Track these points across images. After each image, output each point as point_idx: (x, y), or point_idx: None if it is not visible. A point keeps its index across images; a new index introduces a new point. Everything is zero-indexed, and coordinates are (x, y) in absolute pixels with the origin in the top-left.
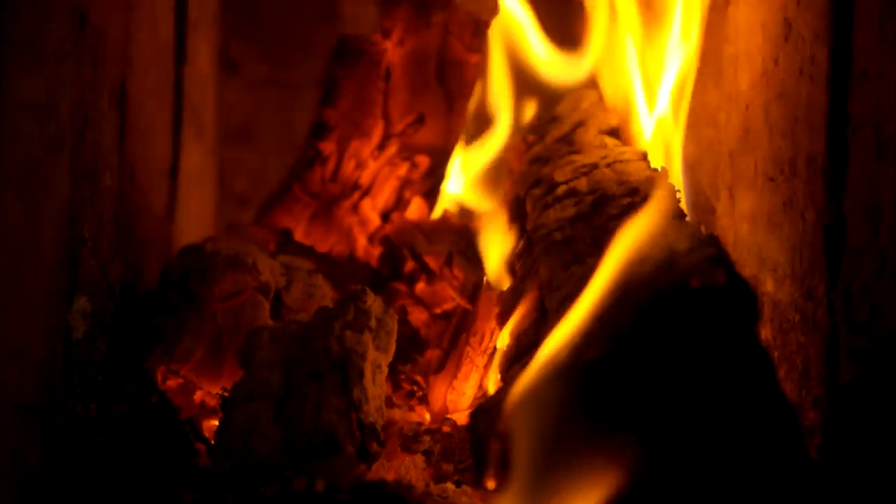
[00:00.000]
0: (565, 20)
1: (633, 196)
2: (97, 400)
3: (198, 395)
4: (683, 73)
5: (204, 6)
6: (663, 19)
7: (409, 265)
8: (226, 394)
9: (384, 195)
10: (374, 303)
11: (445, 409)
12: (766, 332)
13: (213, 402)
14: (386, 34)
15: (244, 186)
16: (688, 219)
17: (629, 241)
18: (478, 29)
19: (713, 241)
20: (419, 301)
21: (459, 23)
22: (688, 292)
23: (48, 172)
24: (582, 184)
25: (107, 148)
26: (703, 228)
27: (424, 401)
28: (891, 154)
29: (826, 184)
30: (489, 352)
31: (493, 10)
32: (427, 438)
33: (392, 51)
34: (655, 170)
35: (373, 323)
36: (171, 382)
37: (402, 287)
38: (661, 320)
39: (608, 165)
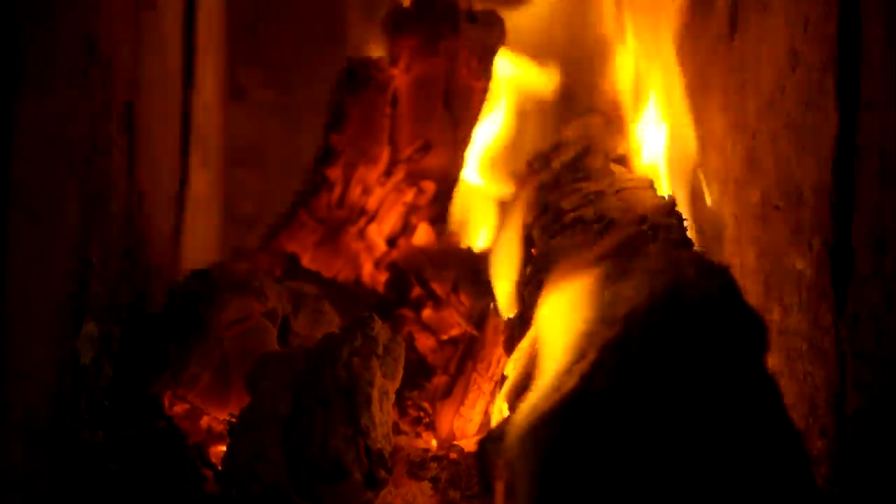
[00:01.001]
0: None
1: (639, 224)
2: (104, 426)
3: (205, 421)
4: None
5: (211, 32)
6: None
7: (416, 291)
8: (233, 420)
9: (390, 221)
10: (381, 329)
11: (452, 436)
12: (773, 361)
13: (220, 428)
14: (393, 61)
15: (251, 210)
16: (695, 247)
17: (641, 269)
18: (485, 56)
19: (722, 271)
20: (426, 327)
21: (467, 50)
22: (696, 321)
23: (58, 198)
24: (589, 212)
25: (115, 173)
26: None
27: (431, 427)
28: None
29: (833, 213)
30: (496, 378)
31: (501, 36)
32: (434, 465)
33: (399, 77)
34: (663, 198)
35: (380, 350)
36: (178, 408)
37: (408, 313)
38: (668, 349)
39: (615, 193)
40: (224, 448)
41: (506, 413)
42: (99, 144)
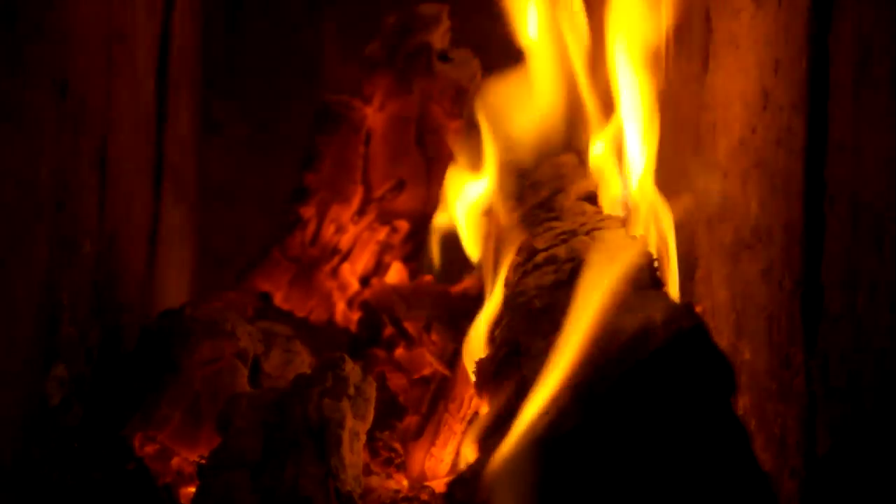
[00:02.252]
0: None
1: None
2: (74, 467)
3: (175, 462)
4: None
5: (185, 68)
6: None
7: (388, 330)
8: (203, 461)
9: (364, 260)
10: (352, 370)
11: (424, 476)
12: (744, 401)
13: (190, 469)
14: (366, 99)
15: (225, 247)
16: (665, 288)
17: (606, 309)
18: (458, 95)
19: (690, 312)
20: (398, 367)
21: (440, 89)
22: (664, 364)
23: (27, 241)
24: (561, 251)
25: (86, 213)
26: (680, 297)
27: (402, 468)
28: (867, 223)
29: (803, 252)
30: (468, 419)
31: (474, 76)
32: None
33: (372, 116)
34: (634, 237)
35: (351, 390)
36: (149, 449)
37: (380, 353)
38: (637, 392)
39: (587, 232)
40: (194, 489)
41: (474, 455)
42: (70, 185)
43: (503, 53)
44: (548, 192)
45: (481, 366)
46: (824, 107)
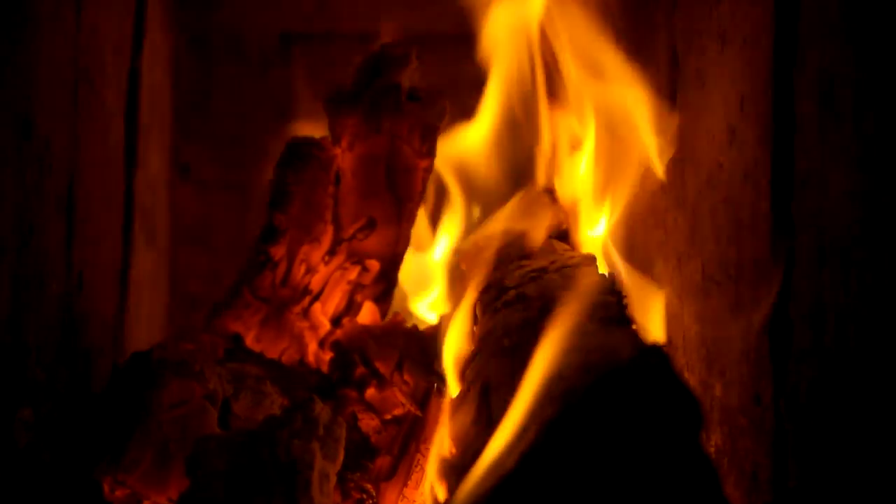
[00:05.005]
0: None
1: (577, 300)
2: None
3: None
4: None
5: (156, 110)
6: None
7: (360, 370)
8: None
9: (335, 300)
10: (321, 411)
11: None
12: (715, 438)
13: None
14: (335, 139)
15: (198, 288)
16: (634, 325)
17: (573, 346)
18: (427, 134)
19: (657, 350)
20: (369, 407)
21: (409, 128)
22: (629, 400)
23: None
24: (531, 289)
25: (53, 254)
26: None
27: None
28: (833, 258)
29: (771, 288)
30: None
31: (443, 115)
32: None
33: (342, 156)
34: (603, 275)
35: (321, 431)
36: (119, 493)
37: (352, 393)
38: (602, 428)
39: (556, 270)
40: None
41: (442, 495)
42: (35, 225)
43: (473, 92)
44: (519, 230)
45: (451, 405)
46: (790, 142)
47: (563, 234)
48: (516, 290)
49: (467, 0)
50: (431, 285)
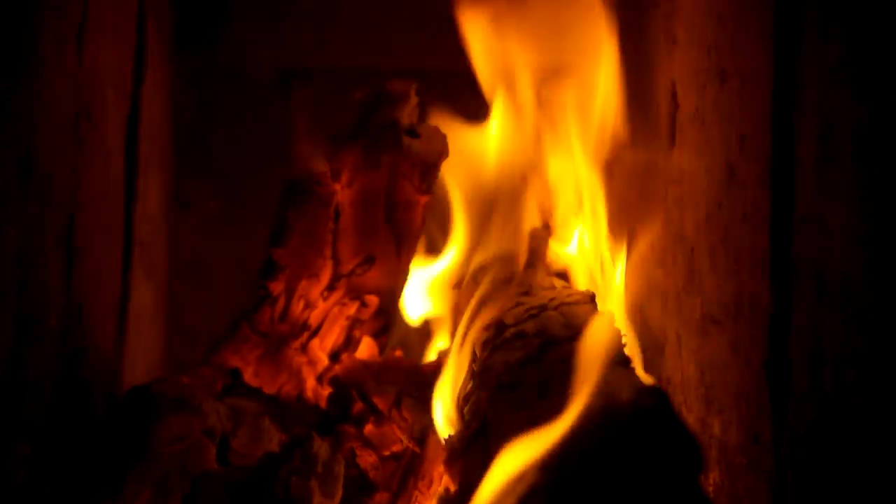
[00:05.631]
0: None
1: (576, 341)
2: None
3: None
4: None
5: (155, 144)
6: None
7: (358, 406)
8: None
9: (333, 335)
10: (320, 448)
11: None
12: (714, 476)
13: None
14: (335, 175)
15: (196, 322)
16: (633, 364)
17: (576, 388)
18: (427, 170)
19: (656, 391)
20: (368, 443)
21: (408, 164)
22: (630, 445)
23: None
24: (529, 326)
25: (53, 289)
26: (646, 373)
27: None
28: (832, 299)
29: (770, 328)
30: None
31: (443, 151)
32: None
33: (341, 191)
34: (602, 313)
35: (319, 469)
36: None
37: (350, 429)
38: (603, 472)
39: (555, 308)
40: None
41: None
42: (36, 261)
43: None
44: (518, 266)
45: (450, 443)
46: (789, 182)
47: (562, 273)
48: (515, 327)
49: (467, 39)
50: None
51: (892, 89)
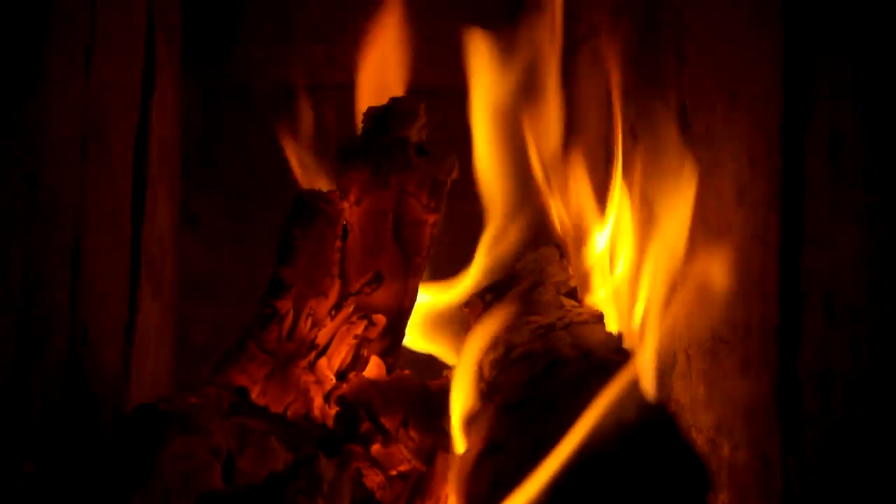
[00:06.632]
0: None
1: (585, 360)
2: None
3: None
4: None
5: (163, 161)
6: None
7: (365, 426)
8: None
9: (341, 354)
10: (326, 467)
11: None
12: (723, 497)
13: None
14: (343, 193)
15: (204, 340)
16: (641, 384)
17: (584, 409)
18: (435, 189)
19: (663, 412)
20: (375, 463)
21: (417, 182)
22: (637, 465)
23: None
24: (537, 346)
25: (58, 307)
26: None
27: None
28: (841, 320)
29: (779, 348)
30: None
31: (451, 170)
32: None
33: (349, 210)
34: (611, 333)
35: (325, 488)
36: None
37: (357, 448)
38: (610, 492)
39: (564, 327)
40: None
41: None
42: (41, 278)
43: None
44: (527, 285)
45: (457, 462)
46: (800, 202)
47: (572, 292)
48: (524, 346)
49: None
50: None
51: None
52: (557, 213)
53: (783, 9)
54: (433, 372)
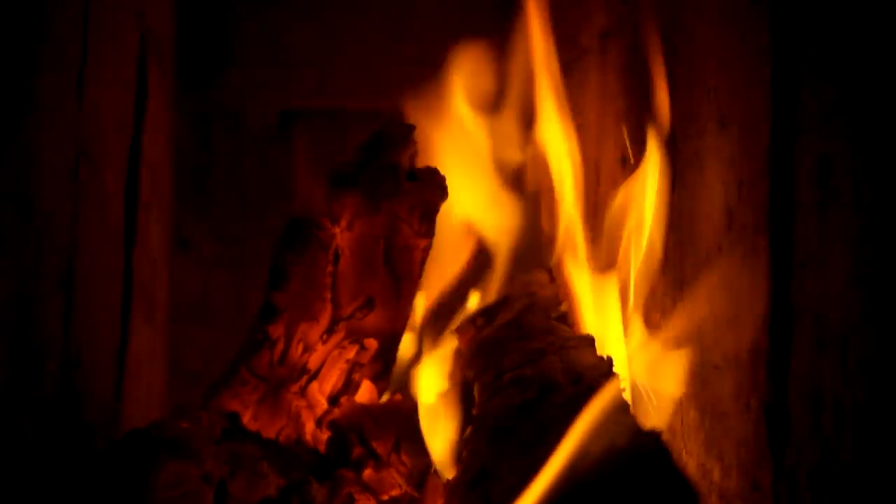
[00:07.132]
0: None
1: (577, 385)
2: None
3: None
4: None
5: (156, 187)
6: None
7: (357, 451)
8: None
9: (332, 379)
10: (318, 493)
11: None
12: None
13: None
14: (335, 218)
15: (196, 365)
16: (632, 410)
17: (575, 434)
18: (426, 214)
19: (654, 437)
20: (366, 488)
21: (408, 208)
22: (628, 489)
23: None
24: (529, 371)
25: (50, 332)
26: (646, 419)
27: None
28: (832, 344)
29: (769, 373)
30: None
31: (442, 194)
32: None
33: (341, 235)
34: (602, 358)
35: None
36: None
37: (349, 473)
38: None
39: (555, 352)
40: None
41: None
42: (32, 303)
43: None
44: (518, 309)
45: (448, 487)
46: (788, 226)
47: (562, 316)
48: (514, 371)
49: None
50: None
51: (889, 133)
52: (548, 234)
53: (771, 33)
54: None
